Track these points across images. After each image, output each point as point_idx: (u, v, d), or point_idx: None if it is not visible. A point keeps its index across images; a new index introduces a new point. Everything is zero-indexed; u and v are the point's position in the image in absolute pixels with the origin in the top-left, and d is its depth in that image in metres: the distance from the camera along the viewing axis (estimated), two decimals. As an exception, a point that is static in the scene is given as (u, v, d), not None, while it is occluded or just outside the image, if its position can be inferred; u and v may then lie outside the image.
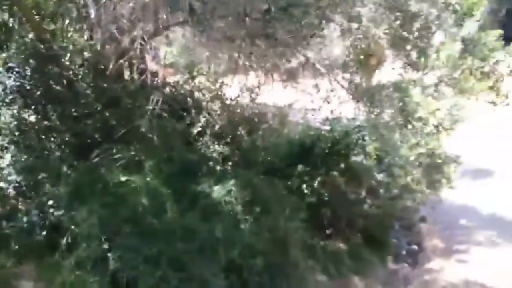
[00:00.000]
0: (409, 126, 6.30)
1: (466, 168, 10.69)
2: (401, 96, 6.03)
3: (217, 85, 8.37)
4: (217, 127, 7.67)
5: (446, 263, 8.23)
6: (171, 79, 8.84)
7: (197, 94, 8.28)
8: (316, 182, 7.48)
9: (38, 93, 5.69)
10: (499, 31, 6.48)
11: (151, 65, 8.42)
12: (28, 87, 5.71)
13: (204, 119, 7.72)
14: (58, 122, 5.74)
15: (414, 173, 7.33)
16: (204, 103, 8.02)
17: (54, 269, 4.31)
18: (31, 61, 5.71)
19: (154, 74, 7.42)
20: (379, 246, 8.52)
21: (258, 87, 8.09)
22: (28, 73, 5.68)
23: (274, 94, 8.59)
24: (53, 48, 5.89)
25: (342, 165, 7.62)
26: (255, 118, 8.20)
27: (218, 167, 7.05)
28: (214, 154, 7.26)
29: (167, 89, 8.07)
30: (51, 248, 4.43)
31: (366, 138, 7.75)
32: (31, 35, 5.92)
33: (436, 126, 6.51)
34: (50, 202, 4.55)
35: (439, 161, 6.92)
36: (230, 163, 7.31)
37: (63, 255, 4.38)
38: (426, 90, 6.03)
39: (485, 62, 6.37)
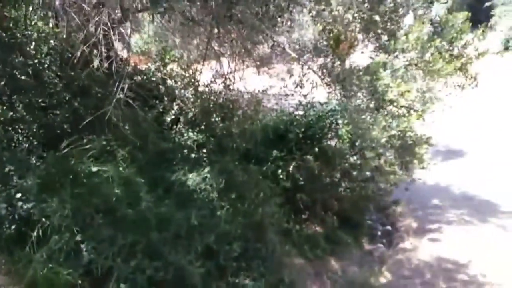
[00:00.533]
0: (381, 109, 6.37)
1: (438, 149, 10.98)
2: (372, 79, 6.07)
3: (190, 71, 8.29)
4: (190, 114, 7.61)
5: (419, 242, 8.44)
6: (142, 67, 8.70)
7: (169, 82, 8.18)
8: (291, 166, 7.53)
9: (2, 83, 5.49)
10: (467, 13, 6.55)
11: (122, 53, 8.26)
12: (-9, 78, 5.52)
13: (177, 106, 7.65)
14: (25, 113, 5.57)
15: (386, 155, 7.44)
16: (177, 90, 7.93)
17: (25, 262, 4.22)
18: (-7, 50, 5.50)
19: (125, 61, 7.28)
20: (354, 228, 8.70)
21: (231, 73, 8.04)
22: (-10, 63, 5.47)
23: (247, 80, 8.57)
24: (16, 36, 5.68)
25: (316, 149, 7.69)
26: (229, 104, 8.16)
27: (192, 155, 7.01)
28: (189, 142, 7.21)
29: (139, 77, 7.94)
30: (22, 242, 4.32)
31: (339, 121, 7.83)
32: (-8, 23, 5.71)
33: (407, 108, 6.60)
34: (19, 195, 4.42)
35: (411, 142, 7.03)
36: (204, 150, 7.28)
37: (34, 248, 4.28)
38: (396, 72, 6.09)
39: (453, 44, 6.47)
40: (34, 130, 5.58)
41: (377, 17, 6.42)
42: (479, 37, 6.78)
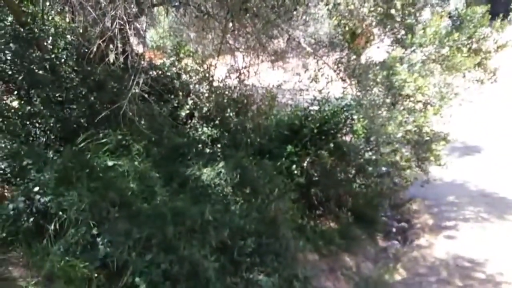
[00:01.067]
0: (397, 104, 6.29)
1: (455, 145, 10.81)
2: (388, 74, 6.00)
3: (204, 66, 8.30)
4: (205, 109, 7.62)
5: (435, 239, 8.34)
6: (158, 62, 8.74)
7: (184, 76, 8.20)
8: (306, 162, 7.51)
9: (20, 78, 5.57)
10: (486, 7, 6.42)
11: (137, 48, 8.32)
12: (9, 72, 5.60)
13: (192, 101, 7.67)
14: (42, 107, 5.64)
15: (402, 151, 7.35)
16: (191, 85, 7.95)
17: (43, 255, 4.28)
18: (11, 45, 5.57)
19: (140, 56, 7.32)
20: (369, 224, 8.64)
21: (246, 68, 8.02)
22: (9, 57, 5.55)
23: (262, 75, 8.54)
24: (34, 31, 5.75)
25: (331, 145, 7.64)
26: (243, 99, 8.15)
27: (207, 150, 7.04)
28: (203, 137, 7.23)
29: (154, 72, 7.98)
30: (39, 235, 4.38)
31: (354, 117, 7.77)
32: (10, 18, 5.77)
33: (424, 104, 6.51)
34: (36, 189, 4.47)
35: (427, 139, 6.93)
36: (219, 145, 7.30)
37: (51, 242, 4.34)
38: (413, 67, 6.01)
39: (472, 38, 6.35)
40: (51, 124, 5.65)
41: (393, 11, 6.34)
42: (498, 30, 6.63)
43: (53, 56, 6.06)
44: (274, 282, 5.45)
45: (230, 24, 6.20)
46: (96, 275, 4.25)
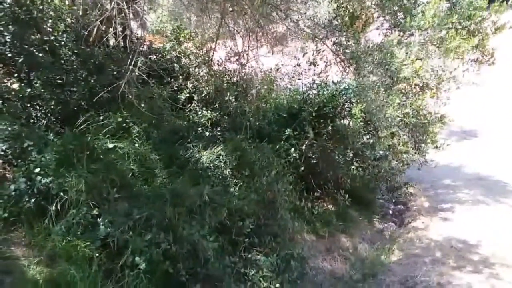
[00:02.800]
0: (395, 87, 6.30)
1: (452, 129, 10.88)
2: (387, 57, 6.00)
3: (204, 50, 8.31)
4: (204, 92, 7.65)
5: (431, 221, 8.46)
6: (158, 45, 8.73)
7: (184, 60, 8.21)
8: (304, 145, 7.56)
9: (20, 60, 5.58)
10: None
11: (137, 31, 8.30)
12: (9, 54, 5.61)
13: (191, 84, 7.70)
14: (42, 90, 5.67)
15: (400, 134, 7.38)
16: (191, 69, 7.97)
17: (45, 235, 4.36)
18: (10, 27, 5.57)
19: (140, 39, 7.32)
20: (366, 207, 8.75)
21: (245, 51, 8.03)
22: (8, 39, 5.55)
23: (261, 58, 8.54)
24: (33, 14, 5.74)
25: (329, 128, 7.68)
26: (242, 83, 8.18)
27: (206, 133, 7.09)
28: (203, 120, 7.28)
29: (154, 56, 7.99)
30: (41, 215, 4.45)
31: (353, 100, 7.79)
32: (9, 0, 5.76)
33: (422, 87, 6.53)
34: (37, 170, 4.53)
35: (425, 121, 6.96)
36: (218, 128, 7.35)
37: (53, 222, 4.42)
38: (411, 50, 5.99)
39: (470, 21, 6.33)
40: (52, 106, 5.70)
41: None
42: (496, 12, 6.59)
43: (52, 38, 6.07)
44: (272, 262, 5.57)
45: (229, 8, 6.18)
46: (97, 254, 4.34)
